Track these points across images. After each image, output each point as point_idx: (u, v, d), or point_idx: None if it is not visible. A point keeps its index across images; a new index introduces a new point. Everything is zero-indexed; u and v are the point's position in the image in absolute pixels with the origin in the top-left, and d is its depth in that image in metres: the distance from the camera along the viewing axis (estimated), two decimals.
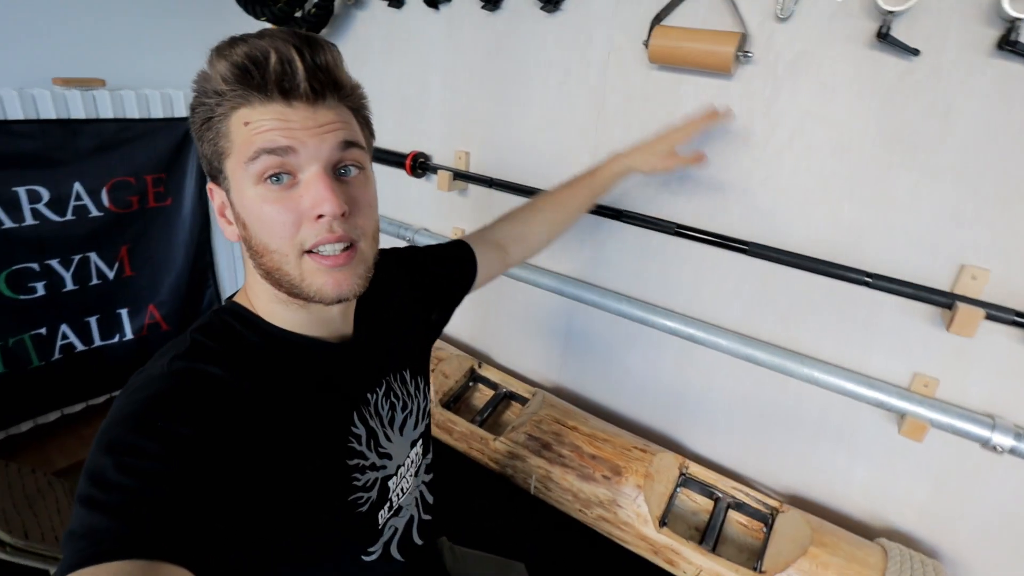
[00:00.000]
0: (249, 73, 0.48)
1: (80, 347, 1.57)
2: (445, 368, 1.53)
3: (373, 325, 0.67)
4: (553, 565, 1.20)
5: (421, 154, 1.53)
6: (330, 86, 0.52)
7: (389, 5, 1.45)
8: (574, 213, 1.01)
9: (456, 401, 1.54)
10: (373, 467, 0.62)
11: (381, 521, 0.64)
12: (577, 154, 1.29)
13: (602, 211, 1.23)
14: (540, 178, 1.35)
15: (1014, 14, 0.79)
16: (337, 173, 0.53)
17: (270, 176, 0.49)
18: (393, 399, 0.68)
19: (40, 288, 1.45)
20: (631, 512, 1.19)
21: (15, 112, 1.29)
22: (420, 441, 0.73)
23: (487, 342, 1.69)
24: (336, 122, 0.52)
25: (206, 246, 1.74)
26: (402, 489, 0.67)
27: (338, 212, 0.50)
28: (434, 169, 1.49)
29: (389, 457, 0.65)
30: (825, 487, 1.21)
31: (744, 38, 1.01)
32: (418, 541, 0.71)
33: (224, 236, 0.54)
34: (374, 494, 0.62)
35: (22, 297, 1.42)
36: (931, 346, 1.01)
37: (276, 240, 0.51)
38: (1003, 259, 0.92)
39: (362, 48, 1.59)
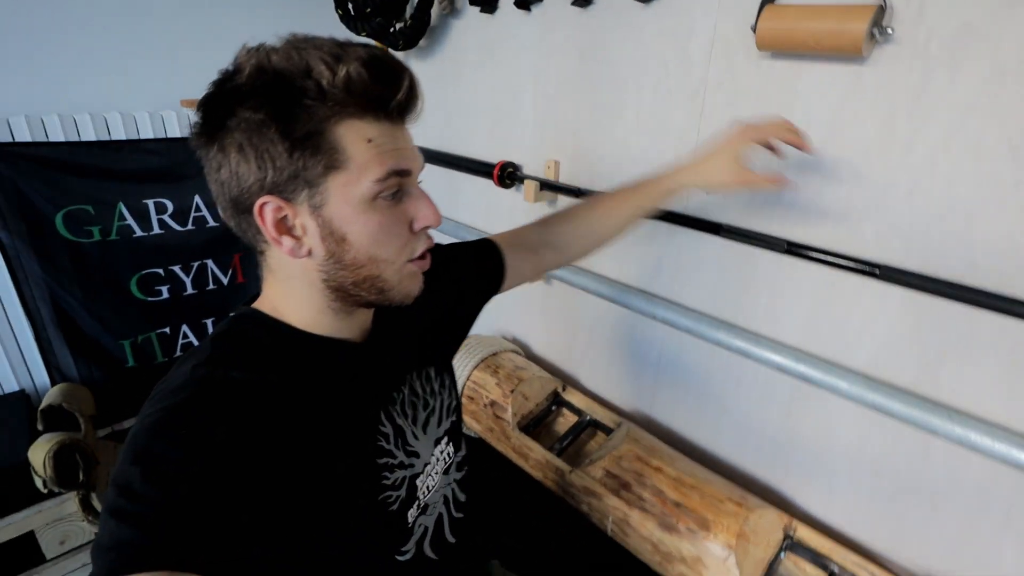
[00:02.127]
0: (378, 88, 0.48)
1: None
2: (525, 389, 1.45)
3: (396, 323, 0.66)
4: None
5: (510, 164, 1.47)
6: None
7: (482, 11, 1.41)
8: (616, 228, 0.90)
9: (536, 425, 1.45)
10: (402, 465, 0.62)
11: (411, 520, 0.63)
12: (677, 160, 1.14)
13: (697, 224, 1.08)
14: None
15: None
16: None
17: (390, 194, 0.51)
18: (416, 398, 0.68)
19: (165, 291, 1.60)
20: (719, 575, 1.02)
21: (146, 132, 1.43)
22: (446, 438, 0.72)
23: (574, 364, 1.58)
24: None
25: None
26: (428, 487, 0.67)
27: (439, 224, 0.55)
28: (522, 179, 1.42)
29: (417, 455, 0.65)
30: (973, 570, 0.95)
31: (882, 11, 0.81)
32: (451, 539, 0.71)
33: (278, 252, 0.51)
34: (403, 492, 0.61)
35: (150, 299, 1.58)
36: None
37: (388, 251, 0.53)
38: None
39: (457, 58, 1.57)
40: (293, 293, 0.55)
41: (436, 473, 0.69)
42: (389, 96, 0.49)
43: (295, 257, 0.51)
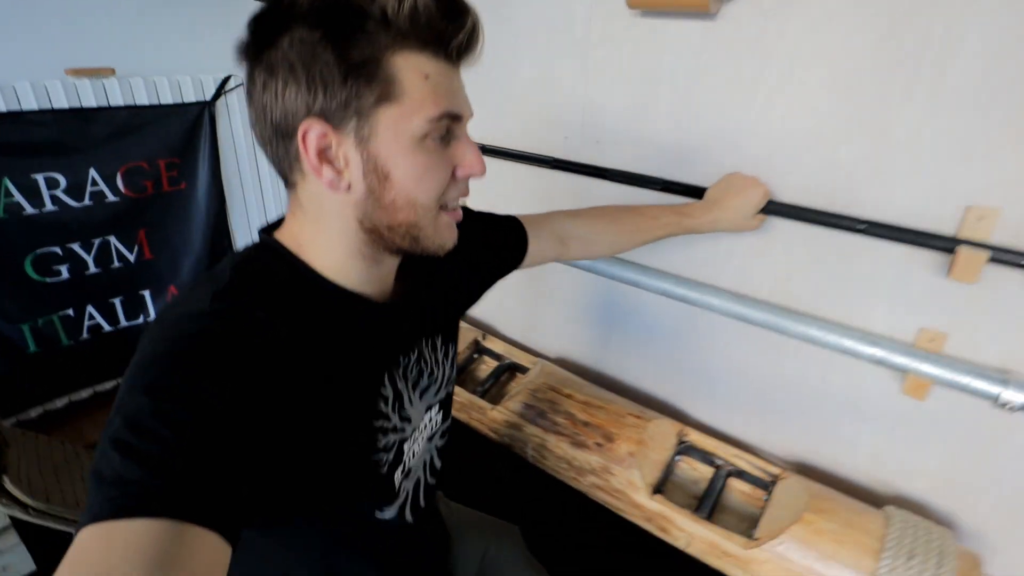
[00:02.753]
0: (443, 23, 0.47)
1: (107, 327, 1.66)
2: None
3: (416, 287, 0.65)
4: (548, 530, 1.19)
5: None
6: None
7: None
8: (640, 243, 1.00)
9: (460, 373, 1.54)
10: (395, 429, 0.61)
11: (397, 483, 0.63)
12: (568, 112, 1.25)
13: (584, 169, 1.20)
14: (533, 139, 1.33)
15: None
16: None
17: (439, 136, 0.50)
18: (423, 365, 0.66)
19: (64, 271, 1.54)
20: (623, 479, 1.16)
21: (29, 103, 1.36)
22: (438, 407, 0.71)
23: (493, 315, 1.69)
24: None
25: (224, 228, 1.80)
26: (414, 452, 0.66)
27: (484, 173, 0.54)
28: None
29: (409, 421, 0.63)
30: (831, 454, 1.14)
31: None
32: (422, 503, 0.71)
33: (317, 184, 0.49)
34: (391, 456, 0.61)
35: (48, 280, 1.52)
36: (937, 298, 0.93)
37: (427, 195, 0.51)
38: (1015, 196, 0.83)
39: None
40: (323, 233, 0.52)
41: (422, 439, 0.68)
42: (452, 33, 0.48)
43: (334, 191, 0.49)
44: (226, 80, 1.66)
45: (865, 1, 0.86)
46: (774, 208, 1.00)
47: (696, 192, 1.08)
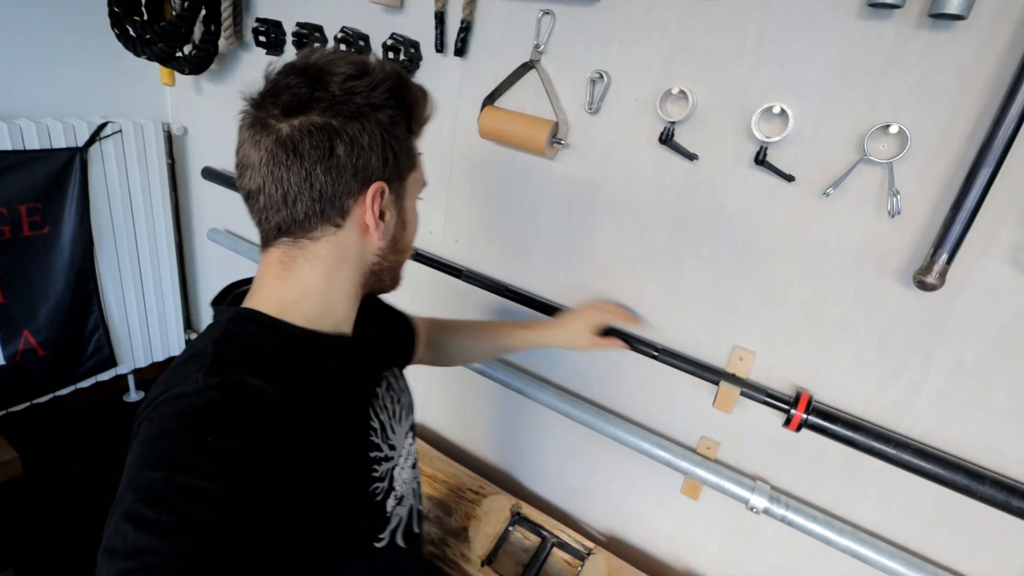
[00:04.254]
0: (430, 116, 0.63)
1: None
2: None
3: (367, 324, 0.69)
4: None
5: None
6: None
7: (267, 53, 1.49)
8: (487, 356, 1.14)
9: None
10: (387, 458, 0.66)
11: (389, 509, 0.66)
12: (432, 212, 1.37)
13: (444, 268, 1.32)
14: None
15: (761, 137, 0.91)
16: None
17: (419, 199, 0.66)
18: (392, 393, 0.73)
19: None
20: (457, 552, 1.28)
21: None
22: (411, 433, 0.77)
23: None
24: None
25: (90, 272, 1.74)
26: (403, 479, 0.71)
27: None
28: None
29: (394, 448, 0.69)
30: (638, 532, 1.33)
31: (558, 126, 1.10)
32: (416, 530, 0.75)
33: (369, 235, 0.58)
34: (385, 484, 0.65)
35: None
36: (713, 414, 1.12)
37: (413, 240, 0.66)
38: (766, 343, 1.03)
39: (243, 86, 1.63)
40: (334, 278, 0.59)
41: (408, 466, 0.74)
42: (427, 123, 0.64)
43: (380, 239, 0.59)
44: (102, 127, 1.63)
45: (662, 171, 1.04)
46: (609, 331, 1.16)
47: (540, 307, 1.22)
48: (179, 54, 1.54)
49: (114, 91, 1.72)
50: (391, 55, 1.27)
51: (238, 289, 0.64)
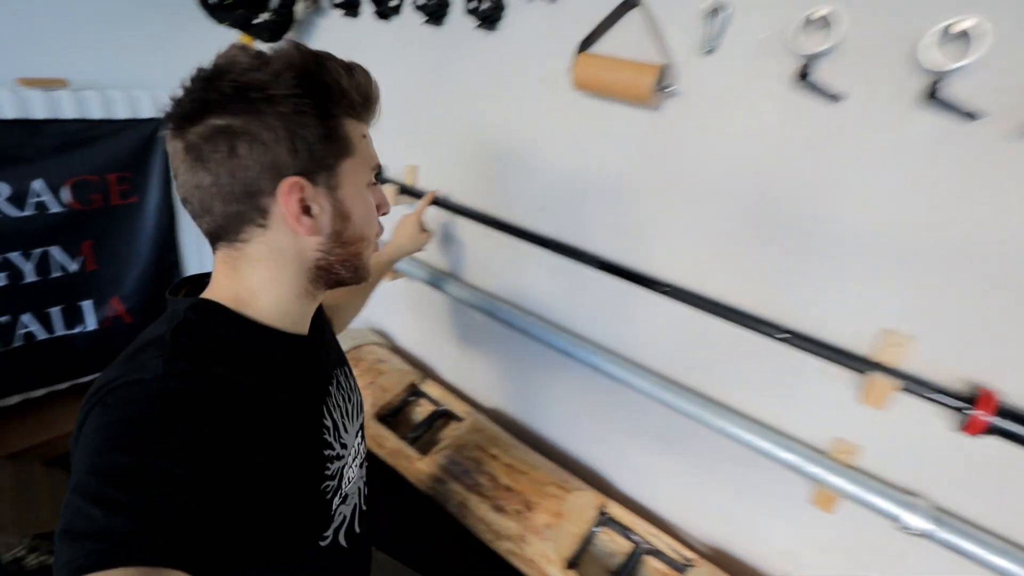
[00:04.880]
0: (372, 98, 0.60)
1: (42, 335, 1.63)
2: (384, 382, 1.52)
3: (319, 322, 0.70)
4: None
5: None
6: None
7: (345, 14, 1.43)
8: (363, 302, 1.07)
9: (395, 415, 1.53)
10: (338, 457, 0.66)
11: (334, 508, 0.67)
12: (515, 178, 1.25)
13: (536, 240, 1.19)
14: (484, 197, 1.32)
15: (935, 66, 0.72)
16: None
17: (371, 182, 0.62)
18: (343, 392, 0.73)
19: (1, 279, 1.50)
20: (537, 550, 1.16)
21: None
22: (360, 432, 0.78)
23: (433, 357, 1.67)
24: None
25: (172, 243, 1.77)
26: (350, 478, 0.71)
27: (390, 210, 0.68)
28: (383, 182, 1.47)
29: (346, 447, 0.69)
30: (746, 545, 1.15)
31: (666, 70, 0.95)
32: (357, 529, 0.74)
33: (283, 233, 0.55)
34: (335, 483, 0.66)
35: None
36: (853, 411, 0.93)
37: (371, 230, 0.62)
38: (932, 327, 0.83)
39: None
40: (277, 278, 0.58)
41: (356, 465, 0.74)
42: (374, 104, 0.61)
43: (308, 235, 0.56)
44: None
45: (792, 119, 0.86)
46: (699, 304, 1.00)
47: (634, 274, 1.08)
48: (256, 20, 1.51)
49: (198, 62, 1.72)
50: (471, 3, 1.15)
51: (195, 283, 0.64)
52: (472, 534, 1.29)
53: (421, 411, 1.57)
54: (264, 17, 1.51)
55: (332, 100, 0.55)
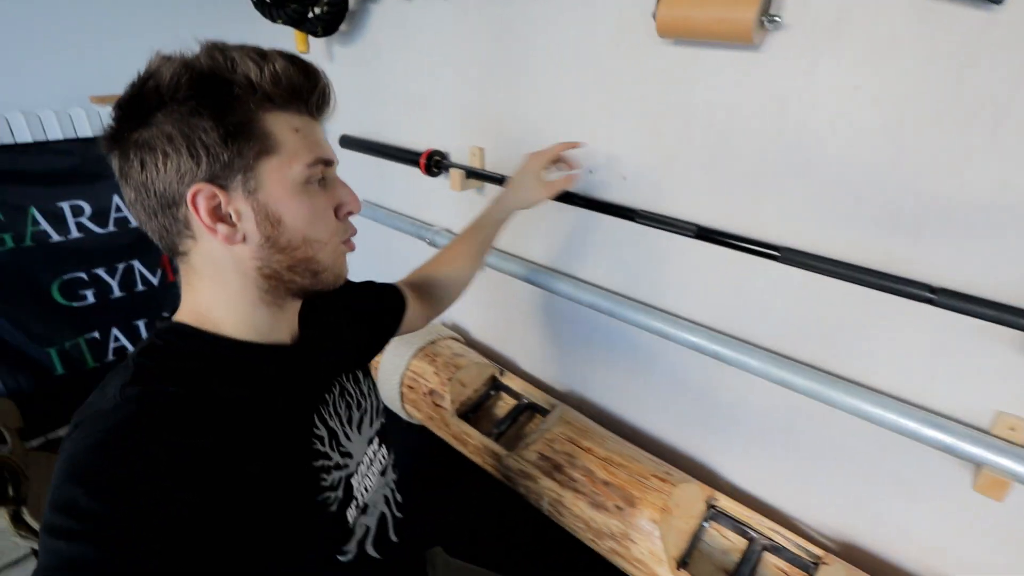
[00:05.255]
0: (301, 84, 0.53)
1: (131, 349, 1.67)
2: (463, 376, 1.46)
3: (320, 325, 0.68)
4: None
5: (437, 152, 1.45)
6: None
7: None
8: (473, 269, 1.01)
9: (476, 411, 1.47)
10: (337, 466, 0.63)
11: (351, 520, 0.64)
12: (592, 150, 1.15)
13: (615, 211, 1.09)
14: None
15: None
16: None
17: (317, 180, 0.55)
18: (348, 399, 0.69)
19: (90, 296, 1.55)
20: (645, 549, 1.06)
21: (54, 132, 1.37)
22: (378, 439, 0.74)
23: (512, 348, 1.60)
24: None
25: None
26: (366, 487, 0.68)
27: (360, 209, 0.62)
28: (448, 167, 1.41)
29: (350, 456, 0.66)
30: (883, 538, 1.01)
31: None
32: (394, 539, 0.72)
33: (212, 242, 0.52)
34: (340, 493, 0.62)
35: (75, 304, 1.53)
36: (1020, 379, 0.79)
37: (323, 231, 0.56)
38: None
39: (376, 44, 1.53)
40: (224, 291, 0.55)
41: (373, 474, 0.70)
42: (309, 91, 0.54)
43: (231, 244, 0.52)
44: None
45: (932, 35, 0.73)
46: (821, 267, 0.87)
47: (735, 238, 0.96)
48: (310, 15, 1.48)
49: None
50: None
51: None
52: (569, 534, 1.22)
53: (503, 405, 1.50)
54: (317, 11, 1.48)
55: (237, 96, 0.50)
